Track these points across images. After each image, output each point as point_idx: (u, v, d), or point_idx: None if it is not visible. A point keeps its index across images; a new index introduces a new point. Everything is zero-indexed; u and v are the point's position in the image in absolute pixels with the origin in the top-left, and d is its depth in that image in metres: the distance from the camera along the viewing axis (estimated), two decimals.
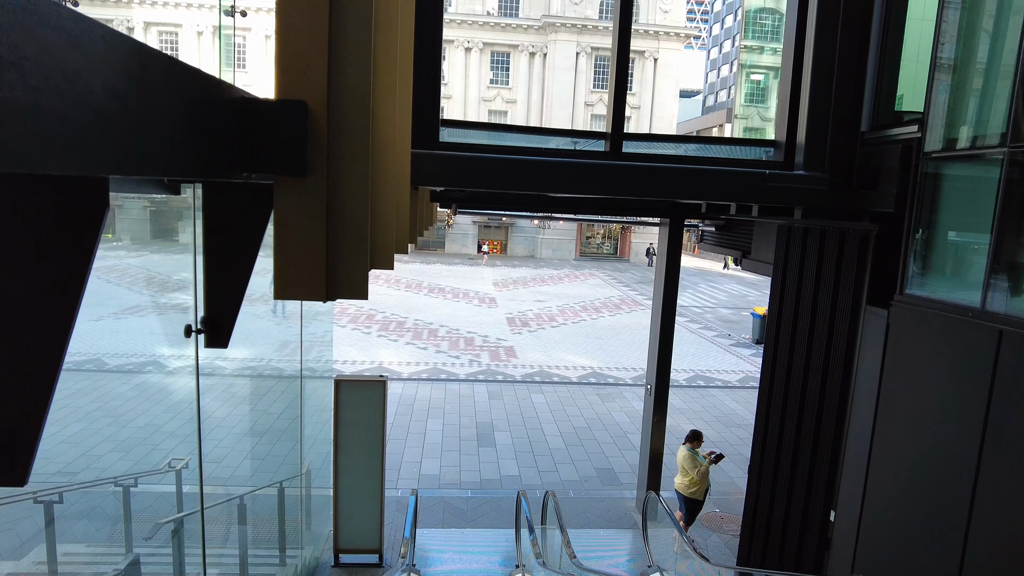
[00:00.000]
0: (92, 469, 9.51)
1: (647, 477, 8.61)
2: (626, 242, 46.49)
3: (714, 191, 4.73)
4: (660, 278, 8.32)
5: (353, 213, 2.33)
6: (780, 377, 5.98)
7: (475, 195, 7.49)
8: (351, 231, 2.31)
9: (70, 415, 11.34)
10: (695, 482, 7.73)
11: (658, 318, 8.35)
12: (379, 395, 6.96)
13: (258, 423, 11.54)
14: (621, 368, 16.60)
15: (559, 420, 12.40)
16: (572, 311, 24.65)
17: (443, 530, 8.14)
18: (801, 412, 5.58)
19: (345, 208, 2.33)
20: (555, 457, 10.65)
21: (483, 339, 19.22)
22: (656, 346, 8.39)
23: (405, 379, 14.71)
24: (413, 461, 10.22)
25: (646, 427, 8.72)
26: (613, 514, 8.81)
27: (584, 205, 7.70)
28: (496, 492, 9.30)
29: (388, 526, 8.08)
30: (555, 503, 6.89)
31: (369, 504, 7.23)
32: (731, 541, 8.27)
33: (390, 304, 24.16)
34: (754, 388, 15.70)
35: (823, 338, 5.37)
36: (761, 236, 7.06)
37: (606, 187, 4.58)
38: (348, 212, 2.34)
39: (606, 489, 9.62)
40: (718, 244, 8.27)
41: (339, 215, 2.30)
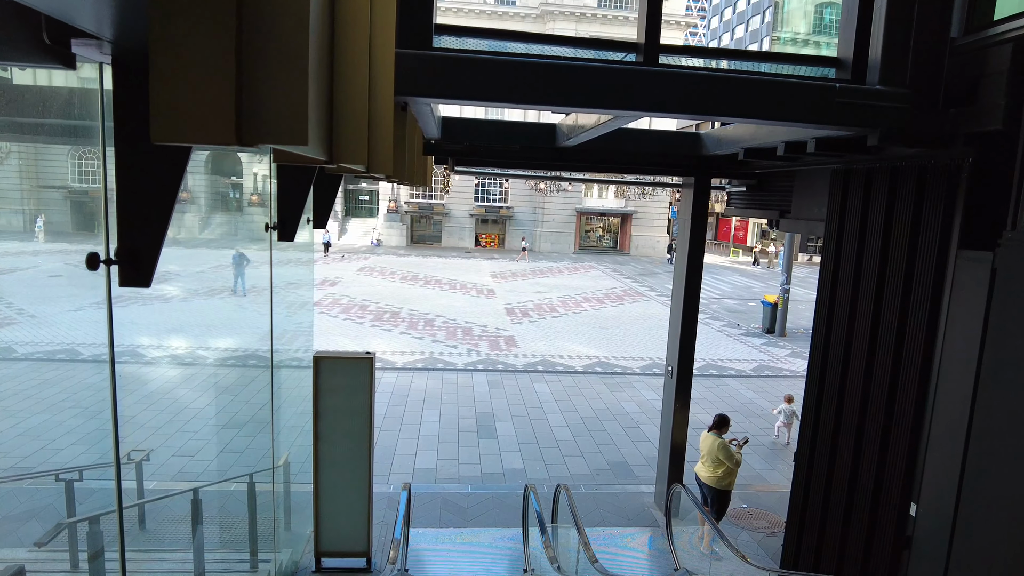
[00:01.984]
0: (51, 464, 8.56)
1: (667, 470, 7.71)
2: (626, 235, 45.58)
3: (774, 108, 3.82)
4: (683, 247, 7.41)
5: (284, 17, 1.42)
6: (836, 349, 5.07)
7: (475, 147, 6.57)
8: (281, 41, 1.40)
9: (33, 406, 10.40)
10: (730, 472, 6.83)
11: (680, 293, 7.44)
12: (365, 374, 6.03)
13: (224, 412, 10.62)
14: (628, 357, 15.70)
15: (565, 410, 11.49)
16: (574, 301, 23.75)
17: (440, 530, 7.23)
18: (867, 387, 4.67)
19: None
20: (563, 449, 9.74)
21: (482, 329, 18.30)
22: (678, 324, 7.48)
23: (399, 368, 13.79)
24: (407, 454, 9.30)
25: (666, 414, 7.82)
26: (629, 510, 7.91)
27: (597, 157, 6.78)
28: (499, 487, 8.39)
29: (378, 525, 7.16)
30: (568, 497, 5.99)
31: (355, 501, 6.31)
32: (764, 540, 7.37)
33: (384, 295, 23.22)
34: (769, 377, 14.83)
35: (895, 298, 4.46)
36: (804, 189, 6.15)
37: (638, 101, 3.66)
38: (277, 14, 1.42)
39: (620, 483, 8.72)
40: (748, 206, 7.36)
41: (259, 16, 1.38)
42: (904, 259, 4.41)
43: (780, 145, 5.07)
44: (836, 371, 5.08)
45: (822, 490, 5.14)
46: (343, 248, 38.52)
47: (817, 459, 5.22)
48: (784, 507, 8.27)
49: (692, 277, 7.33)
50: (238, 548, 6.00)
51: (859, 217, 4.93)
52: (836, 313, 5.09)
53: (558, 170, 6.85)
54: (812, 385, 5.41)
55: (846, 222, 5.09)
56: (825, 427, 5.16)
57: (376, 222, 43.24)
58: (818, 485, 5.20)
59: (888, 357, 4.48)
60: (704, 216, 7.26)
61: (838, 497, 4.93)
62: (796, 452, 5.62)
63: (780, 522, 7.81)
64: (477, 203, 44.05)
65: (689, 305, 7.40)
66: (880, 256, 4.65)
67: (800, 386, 14.01)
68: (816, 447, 5.24)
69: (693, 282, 7.35)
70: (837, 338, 5.07)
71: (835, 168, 5.23)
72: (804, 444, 5.44)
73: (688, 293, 7.36)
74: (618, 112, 3.82)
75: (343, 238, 42.14)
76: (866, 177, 4.86)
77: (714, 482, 6.92)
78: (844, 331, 4.99)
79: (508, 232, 44.68)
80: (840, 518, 4.88)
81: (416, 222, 44.54)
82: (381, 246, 41.21)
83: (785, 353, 17.17)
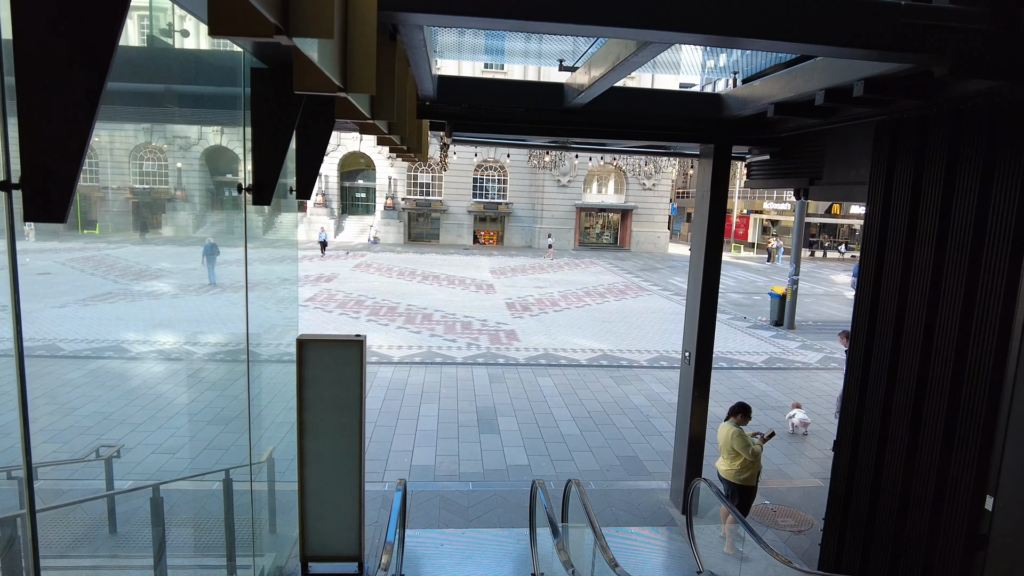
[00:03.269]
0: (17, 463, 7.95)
1: (685, 464, 7.13)
2: (626, 231, 44.99)
3: (827, 31, 3.23)
4: (701, 222, 6.82)
5: None
6: (885, 326, 4.49)
7: (475, 109, 5.97)
8: None
9: (4, 404, 9.78)
10: (747, 465, 6.24)
11: (699, 273, 6.85)
12: (355, 359, 5.43)
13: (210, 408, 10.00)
14: (634, 350, 15.10)
15: (570, 404, 10.90)
16: (575, 296, 23.15)
17: (439, 531, 6.64)
18: (926, 365, 4.09)
19: None
20: (569, 444, 9.14)
21: (481, 323, 17.71)
22: (696, 306, 6.89)
23: (396, 363, 13.18)
24: (403, 450, 8.70)
25: (683, 405, 7.23)
26: (644, 508, 7.32)
27: (607, 120, 6.19)
28: (502, 484, 7.80)
29: (372, 526, 6.57)
30: (581, 493, 5.39)
31: (345, 500, 5.70)
32: (792, 539, 6.79)
33: (381, 290, 22.61)
34: (781, 369, 14.25)
35: (961, 265, 3.88)
36: (840, 150, 5.57)
37: (672, 17, 3.07)
38: None
39: (632, 480, 8.13)
40: (773, 175, 6.77)
41: None
42: (972, 217, 3.82)
43: (819, 94, 4.48)
44: (884, 352, 4.49)
45: (868, 483, 4.55)
46: (341, 245, 37.90)
47: (862, 449, 4.63)
48: (809, 503, 7.71)
49: (711, 255, 6.75)
50: (214, 552, 5.40)
51: (911, 175, 4.35)
52: (884, 284, 4.51)
53: (565, 135, 6.25)
54: (855, 369, 4.82)
55: (895, 182, 4.50)
56: (871, 412, 4.57)
57: (373, 219, 42.61)
58: (863, 477, 4.61)
59: (952, 330, 3.89)
60: (724, 187, 6.67)
61: (889, 490, 4.34)
62: (836, 441, 5.03)
63: (808, 519, 7.23)
64: (475, 199, 43.45)
65: (708, 286, 6.81)
66: (940, 215, 4.07)
67: (813, 378, 13.50)
68: (860, 435, 4.65)
69: (712, 261, 6.76)
70: (886, 313, 4.48)
71: (881, 120, 4.65)
72: (845, 433, 4.85)
73: (707, 273, 6.77)
74: (646, 34, 3.23)
75: (339, 236, 41.52)
76: (920, 127, 4.27)
77: (731, 476, 6.33)
78: (894, 305, 4.40)
79: (507, 229, 44.07)
80: (893, 513, 4.30)
81: (414, 220, 43.91)
82: (378, 243, 40.58)
83: (795, 345, 16.60)
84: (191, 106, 5.62)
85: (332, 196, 42.38)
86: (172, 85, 5.42)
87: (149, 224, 40.24)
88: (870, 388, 4.59)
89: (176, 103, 5.50)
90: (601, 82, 4.49)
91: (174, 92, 5.44)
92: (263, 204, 4.47)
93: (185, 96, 5.47)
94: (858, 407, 4.73)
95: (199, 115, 5.83)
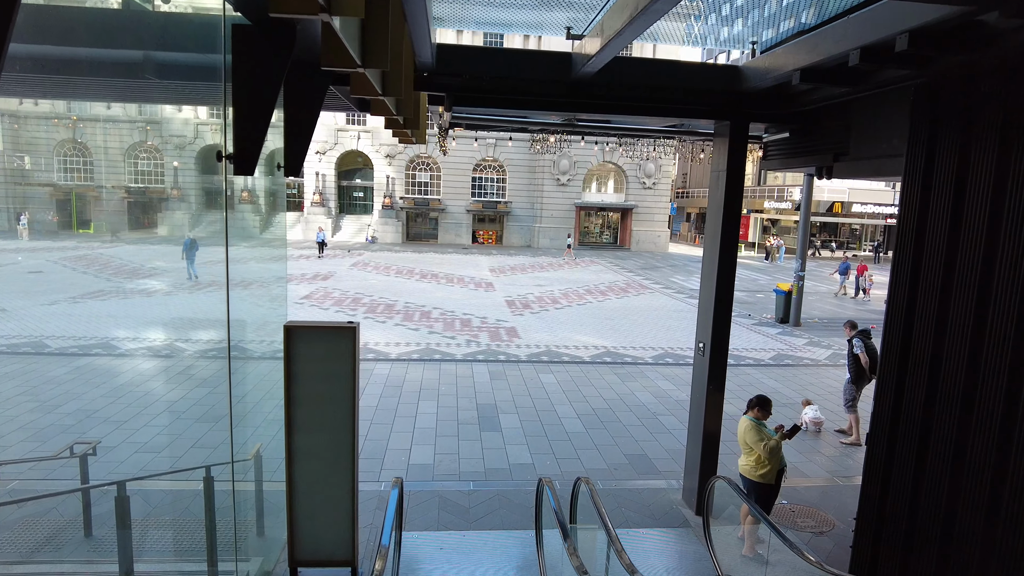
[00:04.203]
0: None
1: (699, 462, 6.73)
2: (626, 230, 44.62)
3: None
4: (716, 206, 6.43)
5: None
6: (928, 305, 4.10)
7: (475, 80, 5.58)
8: None
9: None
10: (763, 461, 5.84)
11: (714, 259, 6.46)
12: (348, 348, 5.02)
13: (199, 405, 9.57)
14: (638, 347, 14.71)
15: (574, 401, 10.50)
16: (576, 294, 22.76)
17: (438, 533, 6.23)
18: (978, 347, 3.69)
19: None
20: (575, 442, 8.74)
21: (481, 320, 17.30)
22: (711, 294, 6.50)
23: (393, 359, 12.77)
24: (401, 448, 8.29)
25: (697, 399, 6.83)
26: (655, 508, 6.92)
27: (616, 94, 5.80)
28: (505, 483, 7.39)
29: (366, 528, 6.17)
30: (592, 492, 5.00)
31: (337, 500, 5.29)
32: (814, 541, 6.39)
33: (379, 288, 22.20)
34: (789, 366, 13.86)
35: (1017, 239, 3.49)
36: (869, 121, 5.19)
37: None
38: None
39: (642, 479, 7.72)
40: (792, 154, 6.39)
41: None
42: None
43: (853, 54, 4.09)
44: (927, 336, 4.10)
45: (908, 480, 4.16)
46: (338, 245, 37.49)
47: (900, 441, 4.23)
48: (829, 503, 7.30)
49: (727, 241, 6.35)
50: (194, 556, 4.99)
51: (957, 147, 3.96)
52: (927, 266, 4.11)
53: (572, 110, 5.86)
54: (890, 355, 4.43)
55: (937, 155, 4.11)
56: (911, 401, 4.18)
57: (371, 219, 42.21)
58: (903, 473, 4.22)
59: (1012, 309, 3.50)
60: (741, 168, 6.28)
61: (933, 489, 3.95)
62: (869, 433, 4.64)
63: (829, 520, 6.84)
64: (474, 198, 43.08)
65: (724, 273, 6.42)
66: (993, 185, 3.68)
67: (823, 375, 13.11)
68: (899, 426, 4.26)
69: (728, 247, 6.36)
70: (927, 298, 4.09)
71: (920, 83, 4.26)
72: (881, 424, 4.46)
73: (723, 260, 6.38)
74: None
75: (337, 235, 41.10)
76: (968, 88, 3.88)
77: (748, 472, 5.94)
78: (938, 281, 4.01)
79: (506, 228, 43.70)
80: (938, 514, 3.90)
81: (412, 219, 43.52)
82: (376, 243, 40.17)
83: (803, 342, 16.22)
84: (166, 74, 5.22)
85: (329, 195, 41.97)
86: (147, 51, 5.03)
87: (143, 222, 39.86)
88: (908, 378, 4.19)
89: (151, 71, 5.10)
90: (616, 40, 4.09)
91: (148, 58, 5.04)
92: (246, 173, 4.07)
93: (160, 62, 5.07)
94: (893, 400, 4.34)
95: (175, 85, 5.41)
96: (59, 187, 38.49)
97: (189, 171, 39.62)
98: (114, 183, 39.88)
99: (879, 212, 43.00)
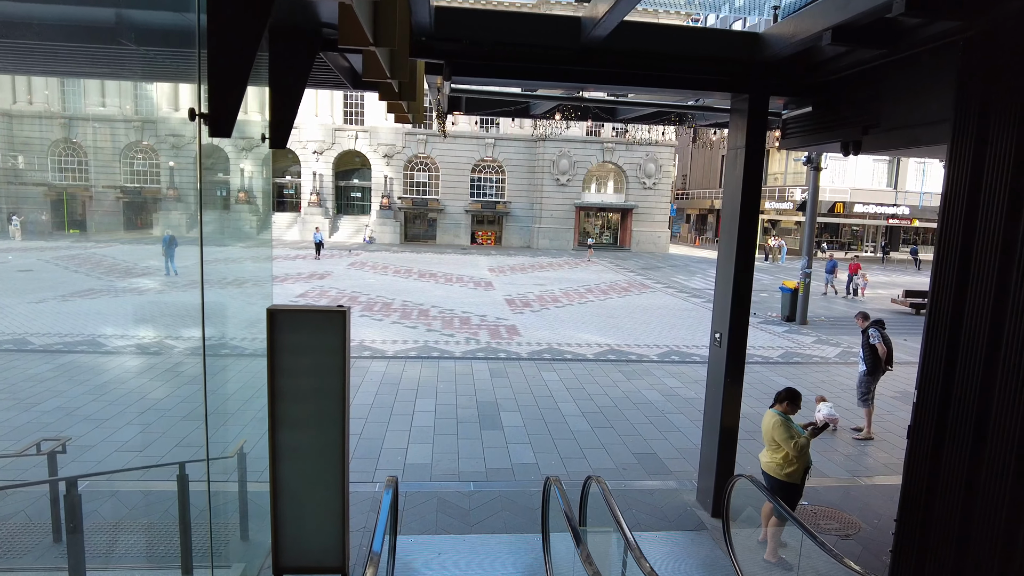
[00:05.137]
0: None
1: (715, 461, 6.30)
2: (627, 230, 44.22)
3: None
4: (735, 185, 6.01)
5: None
6: (982, 289, 3.68)
7: (477, 45, 5.16)
8: None
9: None
10: (790, 459, 5.42)
11: (732, 242, 6.04)
12: (338, 334, 4.59)
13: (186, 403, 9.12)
14: (643, 345, 14.28)
15: (579, 399, 10.06)
16: (577, 293, 22.34)
17: (436, 537, 5.79)
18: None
19: None
20: (580, 441, 8.30)
21: (481, 318, 16.87)
22: (729, 281, 6.08)
23: (390, 357, 12.32)
24: (397, 447, 7.85)
25: (713, 393, 6.41)
26: (668, 509, 6.48)
27: (627, 63, 5.39)
28: (507, 484, 6.95)
29: (358, 532, 5.72)
30: (604, 492, 4.57)
31: (327, 502, 4.85)
32: (839, 544, 5.95)
33: (376, 287, 21.77)
34: (799, 363, 13.43)
35: None
36: (905, 87, 4.77)
37: None
38: None
39: (652, 479, 7.29)
40: (814, 130, 5.97)
41: None
42: None
43: (897, 2, 3.67)
44: (981, 320, 3.67)
45: (962, 477, 3.73)
46: (336, 245, 37.04)
47: (950, 432, 3.81)
48: (851, 504, 6.86)
49: (745, 223, 5.93)
50: (166, 563, 4.55)
51: (1017, 109, 3.54)
52: (981, 222, 3.69)
53: (579, 80, 5.44)
54: (935, 340, 4.00)
55: (992, 111, 3.70)
56: (963, 393, 3.75)
57: (369, 219, 41.77)
58: (954, 470, 3.79)
59: None
60: (761, 145, 5.86)
61: (991, 490, 3.52)
62: (911, 425, 4.21)
63: (854, 521, 6.41)
64: (473, 199, 42.67)
65: (742, 259, 6.00)
66: None
67: (834, 373, 12.67)
68: (948, 415, 3.83)
69: (747, 230, 5.94)
70: (982, 280, 3.67)
71: (970, 36, 3.85)
72: (925, 413, 4.03)
73: (741, 243, 5.95)
74: None
75: (334, 236, 40.67)
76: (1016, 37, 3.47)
77: (773, 470, 5.52)
78: (995, 251, 3.59)
79: (505, 229, 43.28)
80: (997, 518, 3.47)
81: (410, 220, 43.10)
82: (374, 243, 39.73)
83: (810, 340, 15.81)
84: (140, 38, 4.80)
85: (327, 195, 41.54)
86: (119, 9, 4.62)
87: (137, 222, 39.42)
88: (959, 369, 3.77)
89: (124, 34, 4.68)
90: None
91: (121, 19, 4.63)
92: (221, 135, 3.65)
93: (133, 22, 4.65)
94: (941, 393, 3.91)
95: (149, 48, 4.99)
96: (53, 187, 38.04)
97: (186, 171, 39.18)
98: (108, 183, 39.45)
99: (881, 212, 42.67)
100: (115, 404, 8.98)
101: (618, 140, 42.15)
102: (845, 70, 5.19)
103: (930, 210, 42.46)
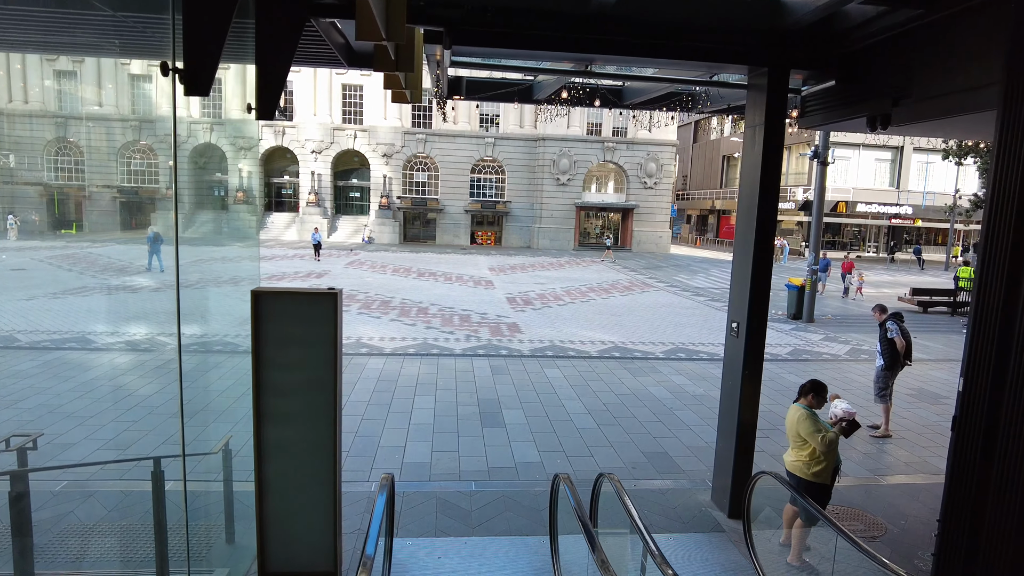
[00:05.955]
0: None
1: (732, 459, 5.93)
2: (627, 231, 43.88)
3: None
4: (754, 165, 5.66)
5: None
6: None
7: (480, 8, 4.81)
8: None
9: None
10: (818, 457, 5.07)
11: (750, 225, 5.69)
12: (328, 319, 4.23)
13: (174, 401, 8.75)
14: (647, 343, 13.92)
15: (583, 396, 9.69)
16: (579, 291, 21.98)
17: (435, 539, 5.41)
18: None
19: None
20: (586, 439, 7.93)
21: (481, 316, 16.50)
22: (747, 267, 5.72)
23: (388, 354, 11.95)
24: (394, 446, 7.47)
25: (730, 386, 6.05)
26: (682, 511, 6.11)
27: (637, 29, 5.04)
28: (511, 484, 6.58)
29: (352, 534, 5.35)
30: (619, 490, 4.20)
31: (317, 501, 4.49)
32: None
33: (374, 285, 21.40)
34: (809, 361, 13.07)
35: None
36: (938, 51, 4.42)
37: None
38: None
39: (663, 478, 6.92)
40: (837, 105, 5.62)
41: None
42: None
43: None
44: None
45: (1018, 477, 3.36)
46: (334, 245, 36.68)
47: (1006, 424, 3.44)
48: (874, 504, 6.48)
49: (765, 204, 5.57)
50: (141, 568, 4.17)
51: None
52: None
53: (588, 51, 5.08)
54: (985, 323, 3.64)
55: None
56: (1019, 383, 3.39)
57: (367, 219, 41.42)
58: (1009, 469, 3.42)
59: None
60: (781, 127, 5.50)
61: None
62: (955, 416, 3.85)
63: (879, 522, 6.05)
64: (473, 198, 42.33)
65: (761, 243, 5.64)
66: None
67: (846, 370, 12.28)
68: (1004, 406, 3.47)
69: (766, 209, 5.58)
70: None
71: None
72: (975, 406, 3.67)
73: (760, 228, 5.59)
74: None
75: (333, 236, 40.30)
76: None
77: (798, 469, 5.16)
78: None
79: (505, 229, 42.93)
80: None
81: (409, 220, 42.75)
82: (373, 243, 39.38)
83: (819, 338, 15.44)
84: None
85: (325, 195, 41.19)
86: None
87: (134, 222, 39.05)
88: (1014, 358, 3.40)
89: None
90: None
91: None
92: (199, 94, 3.30)
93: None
94: (992, 385, 3.55)
95: None
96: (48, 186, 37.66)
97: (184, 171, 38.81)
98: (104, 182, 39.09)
99: (883, 212, 42.36)
100: (100, 401, 8.61)
101: (619, 139, 41.86)
102: (872, 37, 4.84)
103: (933, 209, 42.16)
